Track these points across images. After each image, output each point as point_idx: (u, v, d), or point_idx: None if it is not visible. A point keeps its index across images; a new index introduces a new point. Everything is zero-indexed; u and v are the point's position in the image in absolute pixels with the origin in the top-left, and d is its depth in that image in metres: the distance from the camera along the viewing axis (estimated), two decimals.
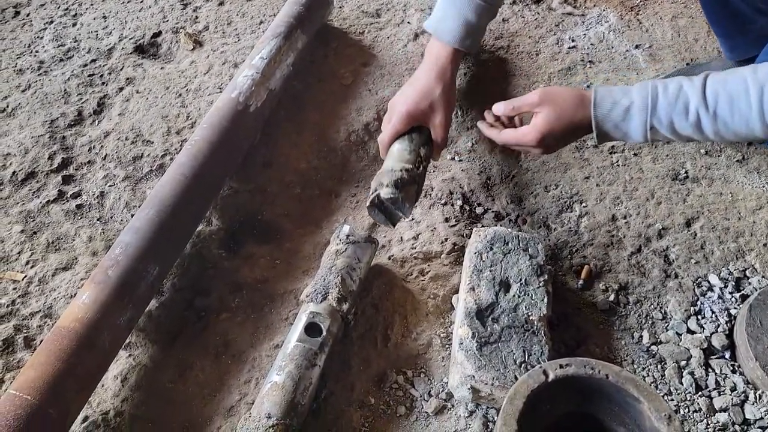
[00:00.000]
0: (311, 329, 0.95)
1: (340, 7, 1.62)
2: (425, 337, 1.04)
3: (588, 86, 1.44)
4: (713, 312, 1.07)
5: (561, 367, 0.77)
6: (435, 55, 1.15)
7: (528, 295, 0.99)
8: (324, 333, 0.94)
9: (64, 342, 0.87)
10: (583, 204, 1.23)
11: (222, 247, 1.16)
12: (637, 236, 1.17)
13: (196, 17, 1.58)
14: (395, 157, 1.09)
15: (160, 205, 1.04)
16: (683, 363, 1.01)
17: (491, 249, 1.04)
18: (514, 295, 0.98)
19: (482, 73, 1.48)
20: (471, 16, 1.12)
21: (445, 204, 1.23)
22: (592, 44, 1.56)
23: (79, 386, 0.87)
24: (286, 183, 1.27)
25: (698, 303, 1.08)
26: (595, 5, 1.67)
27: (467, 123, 1.37)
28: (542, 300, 0.98)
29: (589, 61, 1.52)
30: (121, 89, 1.40)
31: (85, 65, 1.44)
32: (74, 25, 1.55)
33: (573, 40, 1.57)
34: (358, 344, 1.03)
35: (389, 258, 1.15)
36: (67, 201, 1.20)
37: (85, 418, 0.93)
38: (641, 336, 1.05)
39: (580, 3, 1.68)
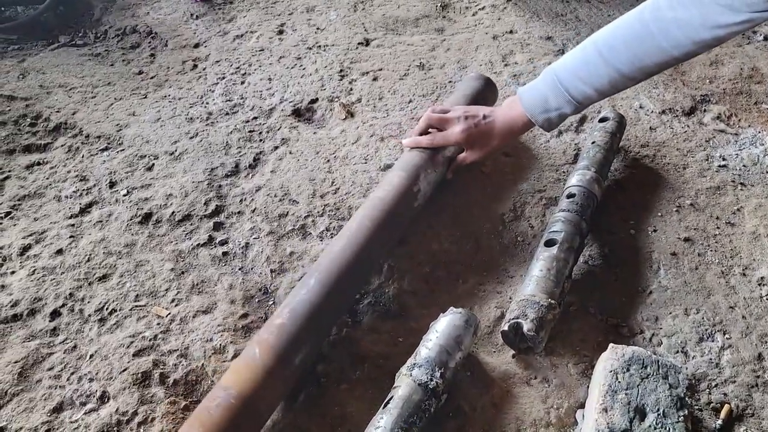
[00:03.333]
0: (391, 401, 0.96)
1: None
2: None
3: (738, 210, 1.38)
4: None
5: None
6: (512, 114, 1.26)
7: (665, 428, 0.92)
8: (401, 405, 0.94)
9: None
10: (727, 335, 1.15)
11: (348, 315, 1.19)
12: None
13: (351, 89, 1.68)
14: (541, 284, 1.10)
15: (323, 272, 1.08)
16: None
17: (628, 370, 0.99)
18: (649, 426, 0.93)
19: (626, 180, 1.46)
20: (552, 100, 1.19)
21: (576, 309, 1.19)
22: (744, 166, 1.50)
23: None
24: (417, 261, 1.29)
25: None
26: (750, 125, 1.61)
27: (603, 227, 1.34)
28: None
29: (741, 183, 1.45)
30: (276, 148, 1.49)
31: (247, 121, 1.56)
32: (242, 83, 1.70)
33: (724, 159, 1.52)
34: None
35: (512, 356, 1.12)
36: (215, 246, 1.27)
37: None
38: None
39: (734, 122, 1.63)
